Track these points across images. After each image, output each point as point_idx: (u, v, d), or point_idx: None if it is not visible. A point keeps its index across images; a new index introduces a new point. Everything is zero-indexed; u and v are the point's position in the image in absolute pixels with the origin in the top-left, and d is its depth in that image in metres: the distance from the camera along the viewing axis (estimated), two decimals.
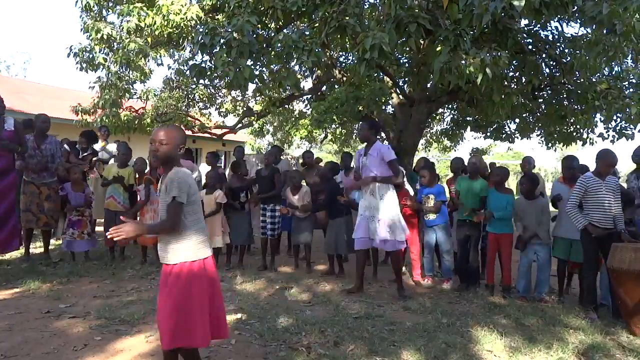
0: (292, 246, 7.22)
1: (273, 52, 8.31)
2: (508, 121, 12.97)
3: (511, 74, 9.29)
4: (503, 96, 7.99)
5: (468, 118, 14.31)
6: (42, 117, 5.90)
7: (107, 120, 10.63)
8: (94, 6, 9.68)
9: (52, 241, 6.51)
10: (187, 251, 2.43)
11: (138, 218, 5.85)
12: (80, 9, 9.69)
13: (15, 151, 5.35)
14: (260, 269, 6.12)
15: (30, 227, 5.73)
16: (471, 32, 6.51)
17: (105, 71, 10.30)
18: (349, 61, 12.50)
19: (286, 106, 15.47)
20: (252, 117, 15.14)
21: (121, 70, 10.16)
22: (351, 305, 4.63)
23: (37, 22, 60.10)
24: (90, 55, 9.78)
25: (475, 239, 5.62)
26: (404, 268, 6.14)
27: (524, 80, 8.89)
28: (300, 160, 9.94)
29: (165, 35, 9.47)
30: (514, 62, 8.45)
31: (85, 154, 7.17)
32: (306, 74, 12.69)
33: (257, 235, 6.69)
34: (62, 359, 3.01)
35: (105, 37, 9.03)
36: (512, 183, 15.86)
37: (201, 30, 7.85)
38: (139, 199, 6.06)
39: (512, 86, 9.27)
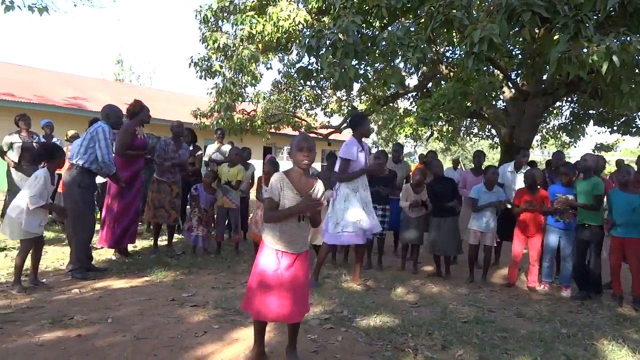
0: (401, 246, 7.14)
1: (377, 51, 8.29)
2: (639, 113, 11.80)
3: None
4: (633, 85, 7.19)
5: (591, 111, 13.28)
6: (176, 123, 6.48)
7: (222, 123, 11.41)
8: (210, 17, 10.46)
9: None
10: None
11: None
12: (199, 21, 10.53)
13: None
14: (365, 267, 6.13)
15: (162, 223, 6.32)
16: (594, 17, 5.95)
17: (221, 77, 11.11)
18: (456, 56, 12.09)
19: (391, 104, 15.38)
20: None
21: (235, 75, 10.86)
22: (460, 308, 4.48)
23: (160, 36, 66.11)
24: (208, 64, 10.62)
25: (596, 244, 5.14)
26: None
27: None
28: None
29: (275, 41, 9.91)
30: None
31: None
32: (411, 71, 12.50)
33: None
34: (185, 344, 3.26)
35: (221, 45, 9.72)
36: None
37: (308, 33, 8.08)
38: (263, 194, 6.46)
39: None
